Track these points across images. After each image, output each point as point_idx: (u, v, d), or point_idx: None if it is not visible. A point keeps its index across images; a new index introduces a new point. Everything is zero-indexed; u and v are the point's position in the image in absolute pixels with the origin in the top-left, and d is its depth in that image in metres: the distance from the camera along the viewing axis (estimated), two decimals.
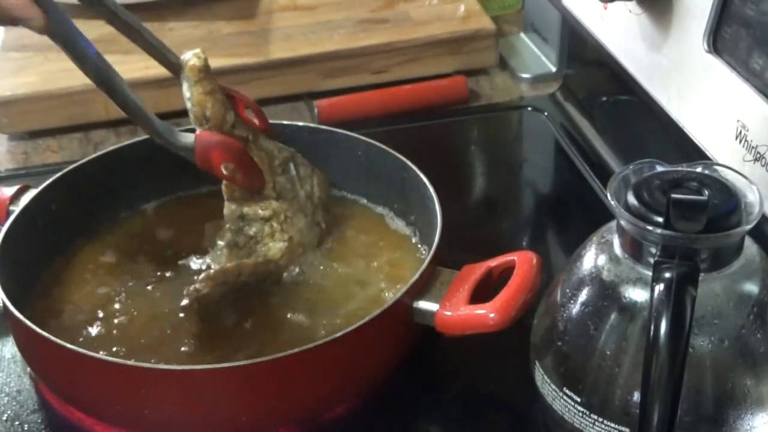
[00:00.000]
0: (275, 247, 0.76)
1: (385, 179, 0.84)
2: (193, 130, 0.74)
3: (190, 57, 0.74)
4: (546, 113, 1.04)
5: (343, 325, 0.71)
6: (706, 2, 0.73)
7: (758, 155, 0.68)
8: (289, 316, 0.74)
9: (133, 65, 1.05)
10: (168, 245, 0.82)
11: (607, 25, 0.86)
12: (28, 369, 0.74)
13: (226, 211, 0.76)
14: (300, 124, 0.89)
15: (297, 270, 0.77)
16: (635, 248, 0.59)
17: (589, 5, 0.88)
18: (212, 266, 0.78)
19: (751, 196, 0.59)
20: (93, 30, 1.11)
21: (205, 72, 0.74)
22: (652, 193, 0.58)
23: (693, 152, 0.75)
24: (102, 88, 0.70)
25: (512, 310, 0.66)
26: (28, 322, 0.67)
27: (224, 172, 0.74)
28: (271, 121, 0.88)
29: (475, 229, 0.89)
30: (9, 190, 0.80)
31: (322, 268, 0.79)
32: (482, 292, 0.70)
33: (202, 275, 0.71)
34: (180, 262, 0.80)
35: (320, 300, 0.76)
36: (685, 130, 0.76)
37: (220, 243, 0.79)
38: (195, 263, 0.80)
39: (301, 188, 0.79)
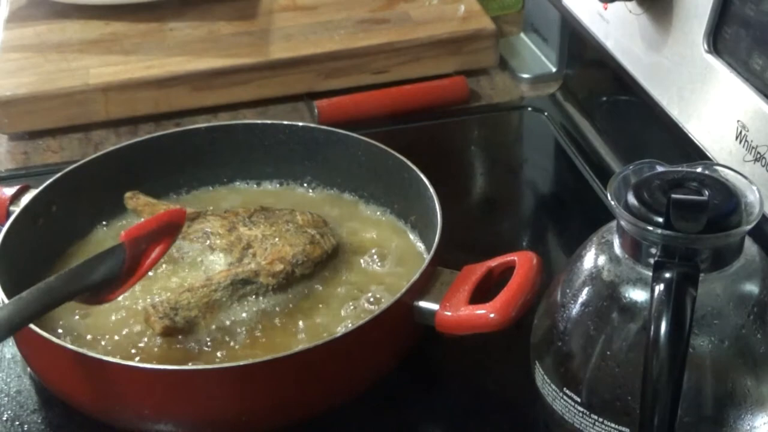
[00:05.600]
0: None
1: (385, 179, 0.84)
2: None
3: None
4: (546, 113, 1.04)
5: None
6: (706, 2, 0.73)
7: (758, 155, 0.68)
8: (286, 319, 0.74)
9: (133, 65, 1.05)
10: None
11: (607, 25, 0.86)
12: (28, 369, 0.74)
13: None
14: (300, 124, 0.88)
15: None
16: (635, 248, 0.59)
17: (589, 5, 0.88)
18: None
19: (751, 196, 0.59)
20: (93, 30, 1.12)
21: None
22: (652, 193, 0.58)
23: (693, 152, 0.75)
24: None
25: (512, 310, 0.66)
26: None
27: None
28: (271, 122, 0.89)
29: (475, 229, 0.89)
30: (9, 190, 0.80)
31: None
32: (482, 293, 0.70)
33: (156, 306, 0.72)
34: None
35: (319, 301, 0.76)
36: (685, 130, 0.76)
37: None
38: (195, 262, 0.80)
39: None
